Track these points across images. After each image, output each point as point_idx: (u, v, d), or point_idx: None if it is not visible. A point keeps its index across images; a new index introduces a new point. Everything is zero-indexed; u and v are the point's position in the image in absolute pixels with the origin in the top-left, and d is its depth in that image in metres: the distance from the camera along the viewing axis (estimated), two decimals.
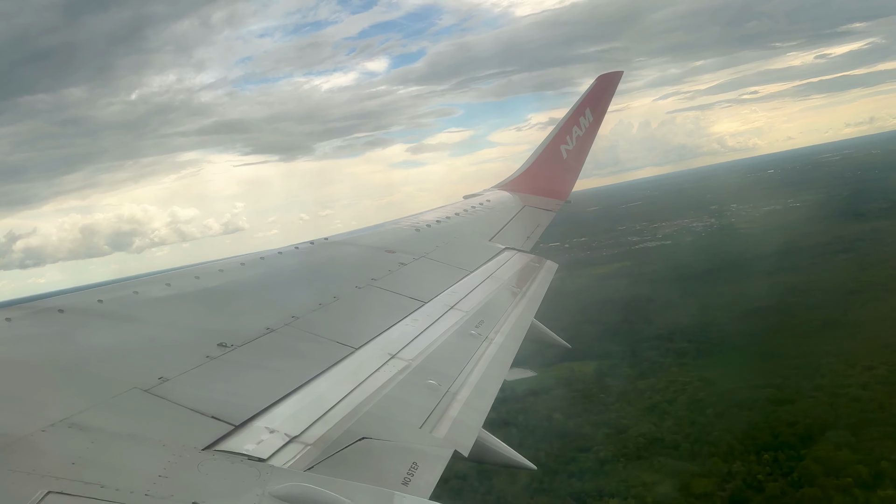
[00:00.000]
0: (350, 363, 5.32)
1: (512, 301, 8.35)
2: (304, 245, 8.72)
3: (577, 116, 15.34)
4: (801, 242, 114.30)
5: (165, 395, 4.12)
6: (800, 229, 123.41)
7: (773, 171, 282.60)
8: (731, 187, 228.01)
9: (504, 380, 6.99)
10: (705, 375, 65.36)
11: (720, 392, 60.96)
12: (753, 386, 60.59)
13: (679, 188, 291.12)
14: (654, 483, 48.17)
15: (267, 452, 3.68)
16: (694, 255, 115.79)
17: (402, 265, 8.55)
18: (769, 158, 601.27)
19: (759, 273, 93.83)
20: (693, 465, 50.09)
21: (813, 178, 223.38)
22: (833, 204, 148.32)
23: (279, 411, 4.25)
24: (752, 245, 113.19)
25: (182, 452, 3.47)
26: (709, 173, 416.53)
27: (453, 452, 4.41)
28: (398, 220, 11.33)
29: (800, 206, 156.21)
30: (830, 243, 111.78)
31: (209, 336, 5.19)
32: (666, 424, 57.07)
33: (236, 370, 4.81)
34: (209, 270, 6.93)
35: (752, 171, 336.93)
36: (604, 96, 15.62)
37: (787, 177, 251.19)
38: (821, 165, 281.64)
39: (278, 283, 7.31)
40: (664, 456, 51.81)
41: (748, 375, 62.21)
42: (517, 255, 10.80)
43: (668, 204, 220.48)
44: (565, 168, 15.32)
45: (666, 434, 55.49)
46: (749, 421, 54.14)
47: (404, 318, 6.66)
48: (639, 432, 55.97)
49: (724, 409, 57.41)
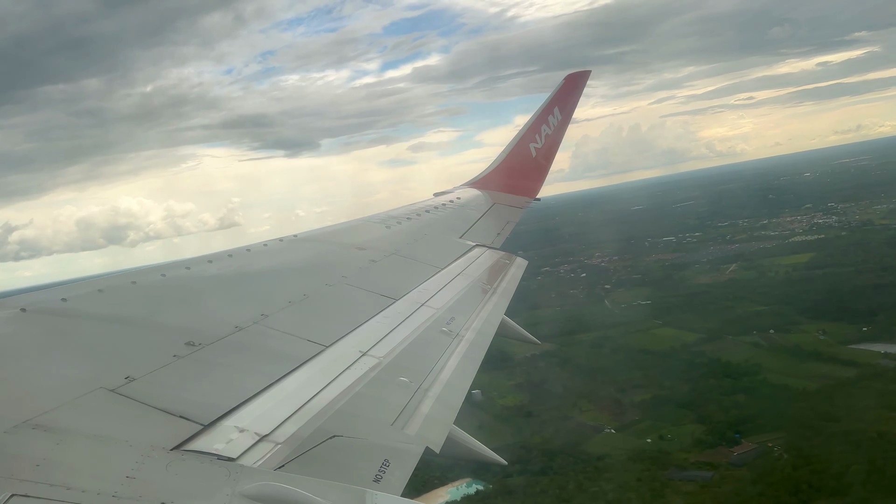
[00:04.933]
0: (321, 361, 5.34)
1: (483, 298, 8.48)
2: (273, 242, 8.72)
3: (545, 115, 15.62)
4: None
5: (132, 395, 4.11)
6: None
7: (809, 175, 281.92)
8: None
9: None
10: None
11: None
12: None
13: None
14: None
15: (237, 451, 3.70)
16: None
17: (372, 262, 8.61)
18: (757, 164, 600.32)
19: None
20: None
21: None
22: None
23: (249, 410, 4.26)
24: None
25: (150, 453, 3.46)
26: (726, 176, 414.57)
27: (425, 449, 4.48)
28: (369, 217, 11.36)
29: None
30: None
31: (177, 335, 5.15)
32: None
33: (205, 369, 4.79)
34: (176, 268, 6.88)
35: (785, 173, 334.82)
36: (572, 95, 15.91)
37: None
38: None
39: (247, 280, 7.29)
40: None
41: None
42: (488, 251, 10.94)
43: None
44: (534, 166, 15.62)
45: None
46: None
47: (375, 315, 6.72)
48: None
49: None
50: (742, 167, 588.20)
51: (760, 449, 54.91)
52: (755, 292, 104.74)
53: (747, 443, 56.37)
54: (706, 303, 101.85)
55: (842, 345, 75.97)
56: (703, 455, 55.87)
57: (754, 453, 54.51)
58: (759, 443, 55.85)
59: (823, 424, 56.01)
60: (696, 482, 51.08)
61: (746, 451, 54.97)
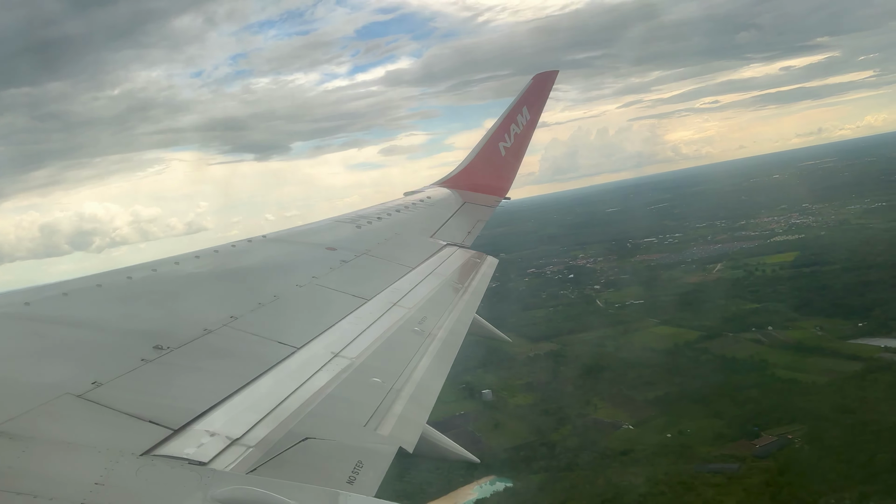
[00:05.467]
0: (292, 363, 5.29)
1: (454, 297, 8.51)
2: (241, 243, 8.62)
3: (514, 114, 15.78)
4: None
5: (100, 401, 4.04)
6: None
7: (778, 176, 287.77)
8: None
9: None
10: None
11: None
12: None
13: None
14: None
15: (208, 456, 3.67)
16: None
17: (343, 262, 8.55)
18: (723, 167, 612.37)
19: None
20: None
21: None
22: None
23: (219, 414, 4.22)
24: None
25: (119, 459, 3.42)
26: (696, 178, 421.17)
27: (398, 449, 4.48)
28: (339, 217, 11.31)
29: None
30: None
31: (144, 338, 5.07)
32: None
33: (174, 373, 4.72)
34: (142, 270, 6.77)
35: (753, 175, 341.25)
36: (540, 95, 16.10)
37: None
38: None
39: (215, 282, 7.19)
40: None
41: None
42: (458, 251, 10.99)
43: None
44: (504, 165, 15.78)
45: None
46: None
47: (347, 315, 6.67)
48: None
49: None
50: (708, 170, 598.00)
51: (781, 441, 56.52)
52: (746, 290, 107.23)
53: (767, 436, 57.91)
54: (699, 301, 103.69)
55: (841, 340, 78.25)
56: (726, 448, 57.29)
57: (776, 445, 56.08)
58: (779, 435, 57.46)
59: (839, 416, 57.79)
60: (724, 474, 52.41)
61: (768, 444, 56.51)
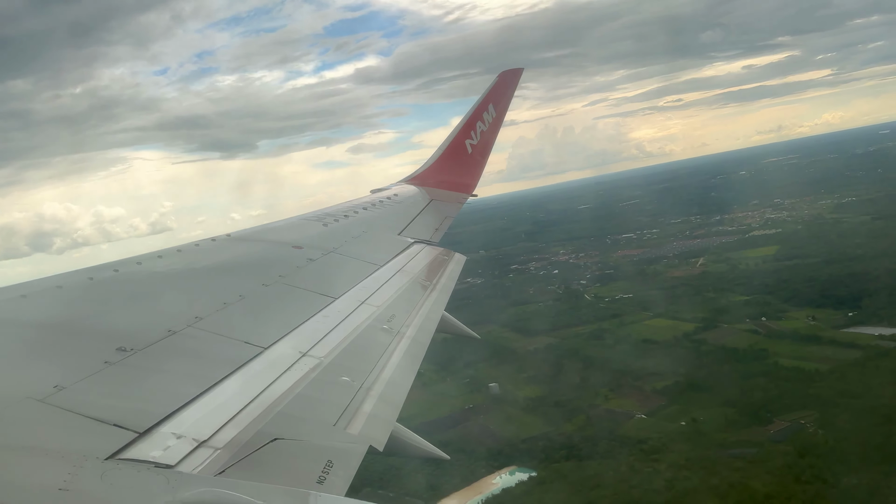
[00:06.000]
0: (259, 363, 5.28)
1: (423, 294, 8.54)
2: (205, 242, 8.49)
3: (480, 112, 15.92)
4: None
5: (62, 405, 3.99)
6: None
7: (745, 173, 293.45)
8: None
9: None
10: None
11: None
12: None
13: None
14: None
15: (175, 458, 3.66)
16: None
17: (310, 261, 8.51)
18: (687, 164, 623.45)
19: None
20: None
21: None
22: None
23: (186, 416, 4.20)
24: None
25: (83, 463, 3.38)
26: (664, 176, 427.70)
27: (368, 448, 4.51)
28: (305, 215, 11.29)
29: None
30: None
31: (107, 340, 5.00)
32: None
33: (138, 375, 4.69)
34: (104, 271, 6.66)
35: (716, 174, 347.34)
36: (506, 92, 16.33)
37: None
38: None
39: (179, 282, 7.12)
40: None
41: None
42: (426, 248, 11.01)
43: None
44: (471, 162, 15.90)
45: None
46: None
47: (314, 314, 6.64)
48: None
49: None
50: (673, 167, 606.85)
51: (794, 426, 58.63)
52: (733, 283, 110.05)
53: (779, 421, 60.03)
54: (688, 295, 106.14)
55: (835, 329, 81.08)
56: (741, 435, 59.20)
57: (790, 431, 58.17)
58: (791, 421, 59.59)
59: (847, 401, 60.02)
60: (745, 458, 54.21)
61: (781, 429, 58.60)
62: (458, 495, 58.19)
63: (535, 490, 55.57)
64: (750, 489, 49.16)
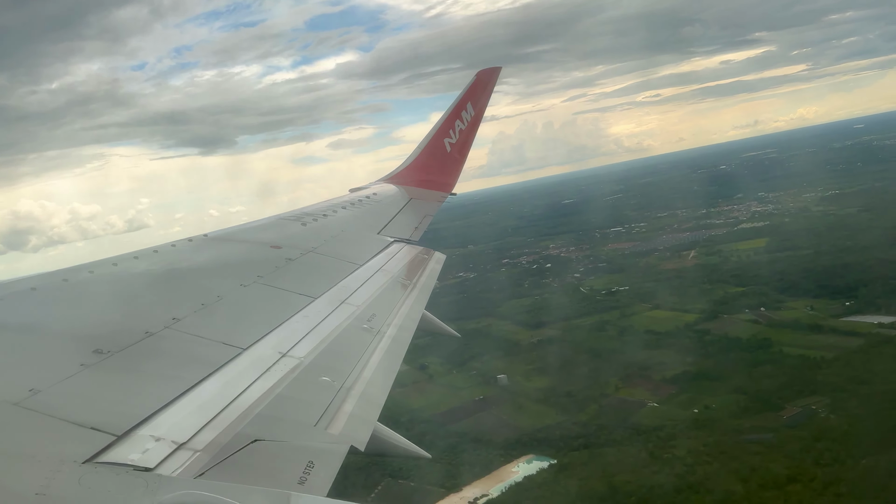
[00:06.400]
0: (238, 364, 5.26)
1: (403, 293, 8.52)
2: (181, 243, 8.45)
3: (459, 111, 16.01)
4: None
5: (38, 408, 3.98)
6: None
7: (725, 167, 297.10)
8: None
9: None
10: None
11: None
12: None
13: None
14: None
15: (154, 461, 3.64)
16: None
17: (288, 261, 8.48)
18: (666, 159, 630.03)
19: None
20: None
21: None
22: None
23: (164, 418, 4.19)
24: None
25: (60, 467, 3.38)
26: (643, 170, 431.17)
27: (349, 448, 4.53)
28: (283, 215, 11.22)
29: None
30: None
31: (83, 343, 4.97)
32: None
33: (115, 377, 4.66)
34: (79, 272, 6.64)
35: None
36: (484, 91, 16.46)
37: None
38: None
39: (156, 283, 7.03)
40: None
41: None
42: (406, 247, 11.03)
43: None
44: (450, 160, 15.97)
45: None
46: None
47: (294, 315, 6.64)
48: None
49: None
50: (652, 162, 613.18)
51: (806, 412, 60.30)
52: (727, 275, 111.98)
53: (791, 407, 61.68)
54: (684, 286, 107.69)
55: (834, 318, 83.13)
56: (755, 420, 60.74)
57: (802, 416, 59.81)
58: (802, 407, 61.26)
59: (856, 387, 61.92)
60: (762, 443, 55.79)
61: (793, 415, 60.22)
62: (479, 483, 59.19)
63: (557, 477, 56.74)
64: (771, 472, 50.80)
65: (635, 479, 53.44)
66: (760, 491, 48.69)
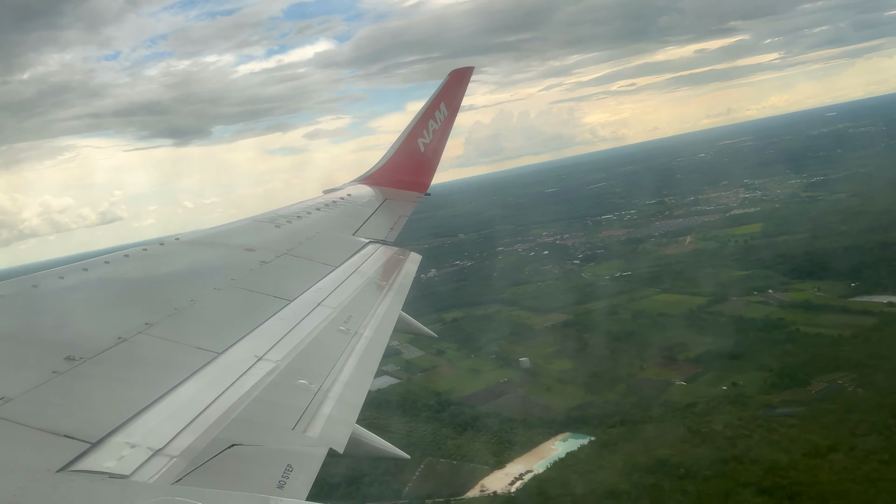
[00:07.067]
0: (213, 368, 5.25)
1: (379, 294, 8.53)
2: (153, 246, 8.43)
3: (432, 111, 16.13)
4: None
5: (9, 417, 3.96)
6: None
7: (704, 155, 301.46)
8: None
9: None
10: None
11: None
12: None
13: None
14: None
15: (129, 468, 3.62)
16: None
17: (263, 263, 8.47)
18: (642, 147, 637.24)
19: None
20: None
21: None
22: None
23: (139, 424, 4.17)
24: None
25: (34, 476, 3.37)
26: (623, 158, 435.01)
27: (328, 451, 4.53)
28: (256, 217, 11.23)
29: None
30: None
31: (54, 349, 4.96)
32: None
33: (88, 384, 4.64)
34: (48, 278, 6.59)
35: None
36: (457, 91, 16.60)
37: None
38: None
39: (128, 288, 7.00)
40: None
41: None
42: (382, 248, 11.02)
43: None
44: (424, 161, 16.04)
45: None
46: None
47: (270, 318, 6.66)
48: None
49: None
50: (628, 150, 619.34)
51: (833, 387, 63.04)
52: (728, 259, 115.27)
53: (817, 382, 64.43)
54: (687, 271, 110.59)
55: (842, 298, 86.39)
56: (784, 395, 63.47)
57: (829, 391, 62.56)
58: (829, 382, 64.02)
59: (878, 362, 64.70)
60: (796, 416, 58.38)
61: (821, 390, 62.94)
62: (521, 460, 61.16)
63: (601, 453, 58.77)
64: (811, 442, 53.29)
65: (678, 452, 55.64)
66: (804, 460, 51.04)
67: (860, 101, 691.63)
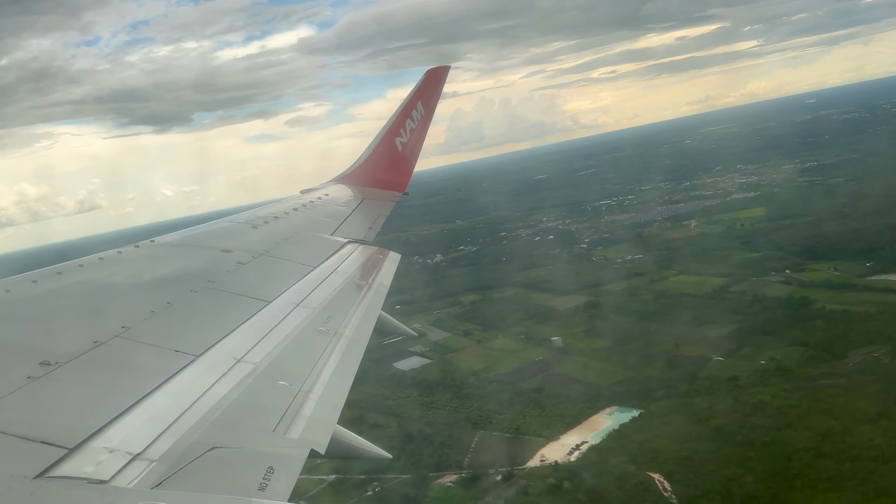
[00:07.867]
0: (192, 371, 5.25)
1: (358, 294, 8.51)
2: (128, 249, 8.38)
3: (409, 110, 16.16)
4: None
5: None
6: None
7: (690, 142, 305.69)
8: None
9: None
10: None
11: None
12: None
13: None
14: None
15: (108, 473, 3.59)
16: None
17: (240, 265, 8.44)
18: (623, 134, 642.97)
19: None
20: None
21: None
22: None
23: (118, 429, 4.12)
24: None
25: (11, 484, 3.32)
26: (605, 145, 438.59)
27: (309, 452, 4.56)
28: (232, 218, 11.21)
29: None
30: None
31: (29, 354, 4.93)
32: None
33: (64, 389, 4.60)
34: (22, 282, 6.59)
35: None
36: (434, 90, 16.71)
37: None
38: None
39: (103, 291, 6.97)
40: None
41: None
42: (360, 248, 10.98)
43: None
44: (401, 160, 16.08)
45: None
46: None
47: (248, 319, 6.64)
48: None
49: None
50: (610, 137, 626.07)
51: (869, 359, 66.30)
52: (738, 242, 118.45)
53: (853, 355, 67.63)
54: (700, 253, 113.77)
55: (860, 277, 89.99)
56: (822, 368, 66.65)
57: (866, 363, 65.81)
58: (864, 355, 67.24)
59: None
60: (839, 387, 61.45)
61: (858, 362, 66.21)
62: (573, 433, 63.54)
63: (652, 423, 61.37)
64: (859, 410, 56.31)
65: (732, 421, 58.46)
66: (857, 426, 54.02)
67: (839, 88, 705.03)
